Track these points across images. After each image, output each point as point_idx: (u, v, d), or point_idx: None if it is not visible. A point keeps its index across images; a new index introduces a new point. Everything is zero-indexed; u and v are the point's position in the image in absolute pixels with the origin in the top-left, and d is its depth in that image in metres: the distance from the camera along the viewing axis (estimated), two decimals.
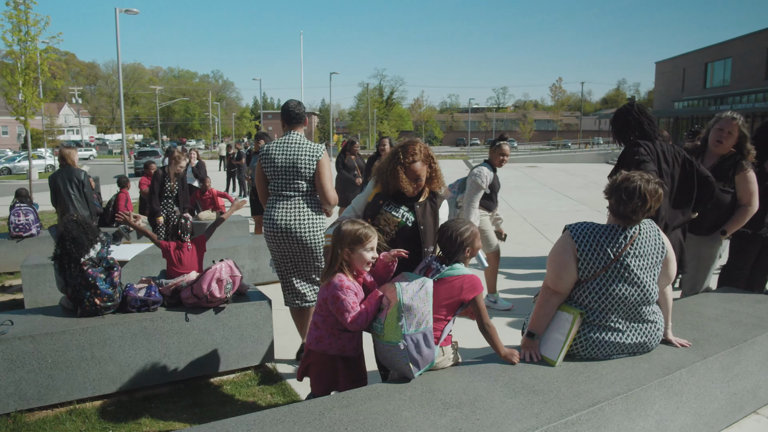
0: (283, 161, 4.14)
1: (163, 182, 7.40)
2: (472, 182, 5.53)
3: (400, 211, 3.26)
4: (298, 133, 4.25)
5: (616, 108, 4.16)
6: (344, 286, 2.67)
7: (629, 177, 2.78)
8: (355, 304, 2.67)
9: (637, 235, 2.78)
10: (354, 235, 2.73)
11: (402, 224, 3.24)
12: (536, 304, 2.93)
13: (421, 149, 3.24)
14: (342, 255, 2.73)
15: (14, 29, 14.25)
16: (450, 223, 2.85)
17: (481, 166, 5.63)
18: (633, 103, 3.85)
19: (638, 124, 3.74)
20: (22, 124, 14.65)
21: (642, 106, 3.85)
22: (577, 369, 2.73)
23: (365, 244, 2.75)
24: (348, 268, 2.76)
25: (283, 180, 4.16)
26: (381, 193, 3.34)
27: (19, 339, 3.56)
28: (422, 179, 3.25)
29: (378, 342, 2.69)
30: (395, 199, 3.31)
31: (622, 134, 3.85)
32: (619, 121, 3.85)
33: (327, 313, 2.76)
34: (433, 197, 3.35)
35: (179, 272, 4.23)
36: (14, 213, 7.65)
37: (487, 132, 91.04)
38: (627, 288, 2.76)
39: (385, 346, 2.61)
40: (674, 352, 2.95)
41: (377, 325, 2.65)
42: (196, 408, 3.75)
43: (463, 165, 33.85)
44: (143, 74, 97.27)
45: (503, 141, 5.68)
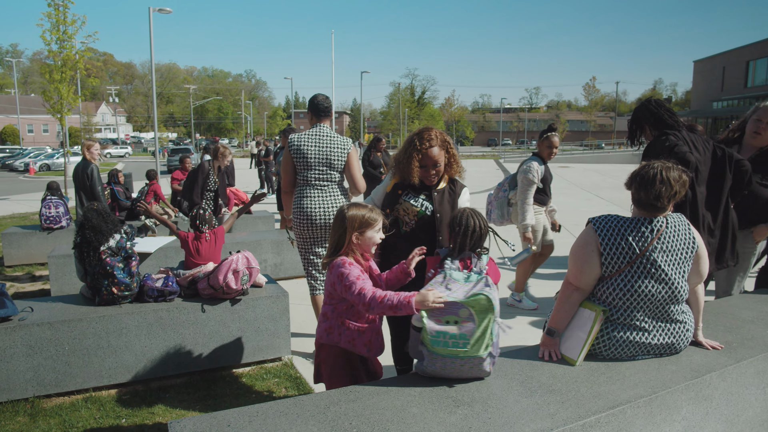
0: (316, 153, 4.23)
1: (208, 176, 7.42)
2: (523, 178, 5.34)
3: (419, 200, 3.20)
4: (326, 125, 4.35)
5: None
6: (346, 262, 2.59)
7: (649, 163, 2.64)
8: (362, 277, 2.55)
9: (665, 228, 2.62)
10: (362, 219, 2.66)
11: (421, 213, 3.17)
12: (557, 301, 2.80)
13: (437, 135, 3.17)
14: (348, 239, 2.65)
15: (53, 28, 14.64)
16: (463, 216, 2.72)
17: (530, 160, 5.42)
18: (650, 98, 3.76)
19: (657, 118, 3.60)
20: (59, 121, 15.03)
21: (660, 100, 3.72)
22: (598, 369, 2.58)
23: (373, 225, 2.69)
24: (353, 253, 2.68)
25: (316, 171, 4.24)
26: (399, 183, 3.28)
27: (38, 326, 3.60)
28: (440, 165, 3.17)
29: (453, 358, 2.33)
30: (414, 188, 3.24)
31: (639, 129, 3.72)
32: (636, 116, 3.75)
33: (336, 300, 2.66)
34: (452, 184, 3.27)
35: (197, 263, 4.22)
36: (45, 205, 7.81)
37: (519, 132, 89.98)
38: (653, 285, 2.60)
39: (463, 361, 2.33)
40: (705, 355, 2.77)
41: (455, 341, 2.30)
42: (210, 400, 3.73)
43: (493, 165, 33.51)
44: (178, 74, 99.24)
45: (552, 132, 5.46)
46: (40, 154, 36.81)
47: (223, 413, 2.18)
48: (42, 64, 16.09)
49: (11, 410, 3.57)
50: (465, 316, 2.31)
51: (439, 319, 2.32)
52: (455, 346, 2.31)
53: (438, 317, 2.32)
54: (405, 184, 3.25)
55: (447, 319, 2.31)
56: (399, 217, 3.21)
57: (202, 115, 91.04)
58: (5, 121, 60.71)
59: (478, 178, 24.09)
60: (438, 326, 2.32)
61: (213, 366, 4.08)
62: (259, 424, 2.08)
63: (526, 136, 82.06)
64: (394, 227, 3.22)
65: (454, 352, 2.32)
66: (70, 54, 14.51)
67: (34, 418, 3.51)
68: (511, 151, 53.91)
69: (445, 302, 2.31)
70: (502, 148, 58.14)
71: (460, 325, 2.31)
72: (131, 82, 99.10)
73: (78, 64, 14.84)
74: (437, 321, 2.32)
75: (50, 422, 3.46)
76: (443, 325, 2.32)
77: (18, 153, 38.51)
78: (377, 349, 2.75)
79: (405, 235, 3.20)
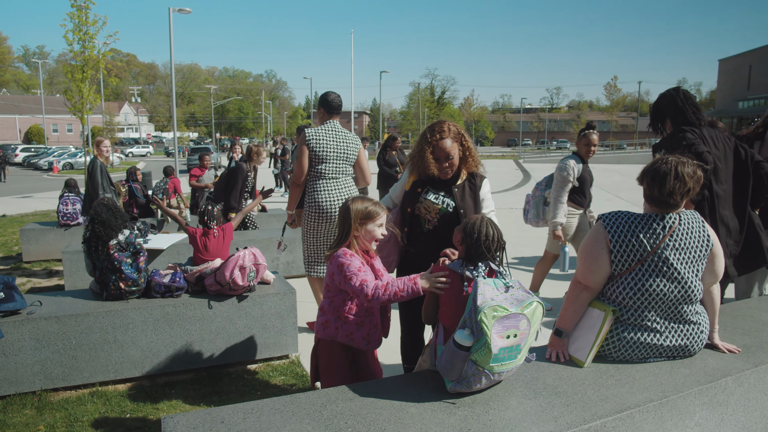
0: (335, 148, 4.45)
1: (246, 177, 7.41)
2: (557, 176, 5.23)
3: (440, 197, 3.13)
4: (337, 122, 4.54)
5: None
6: (347, 254, 2.55)
7: (663, 158, 2.53)
8: (363, 269, 2.49)
9: (677, 225, 2.51)
10: (364, 211, 2.63)
11: (443, 210, 3.10)
12: (565, 300, 2.71)
13: (449, 127, 3.11)
14: (352, 231, 2.62)
15: (75, 29, 14.85)
16: (476, 223, 2.48)
17: (567, 158, 5.30)
18: (678, 88, 3.55)
19: (680, 113, 3.44)
20: (80, 120, 15.24)
21: (688, 93, 3.54)
22: (607, 371, 2.49)
23: (375, 219, 2.64)
24: (356, 246, 2.64)
25: (333, 164, 4.45)
26: (418, 181, 3.21)
27: (45, 319, 3.61)
28: (453, 157, 3.09)
29: (500, 372, 2.19)
30: (433, 185, 3.17)
31: (661, 121, 3.55)
32: (660, 106, 3.56)
33: (334, 293, 2.63)
34: (472, 178, 3.19)
35: (205, 259, 4.21)
36: (63, 202, 7.91)
37: (539, 132, 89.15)
38: (665, 284, 2.50)
39: (507, 372, 2.22)
40: (720, 358, 2.66)
41: (510, 354, 2.16)
42: (215, 396, 3.70)
43: (513, 165, 33.25)
44: (199, 74, 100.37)
45: (590, 129, 5.29)
46: (63, 153, 37.47)
47: (217, 409, 2.14)
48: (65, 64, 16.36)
49: (19, 403, 3.59)
50: (524, 328, 2.17)
51: (502, 335, 2.13)
52: (510, 359, 2.18)
53: (501, 333, 2.13)
54: (423, 181, 3.19)
55: (509, 333, 2.14)
56: (421, 216, 3.15)
57: (223, 115, 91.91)
58: (31, 121, 61.97)
59: (497, 177, 23.90)
60: (502, 342, 2.13)
61: (219, 363, 4.06)
62: (253, 421, 2.04)
63: (547, 136, 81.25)
64: (416, 226, 3.16)
65: (507, 366, 2.19)
66: (92, 54, 14.71)
67: (41, 411, 3.52)
68: (530, 152, 53.36)
69: (506, 316, 2.13)
70: (521, 148, 57.57)
71: (519, 337, 2.17)
72: (153, 82, 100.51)
73: (99, 64, 15.04)
74: (501, 337, 2.13)
75: (56, 416, 3.46)
76: (505, 339, 2.14)
77: (42, 152, 39.25)
78: (375, 342, 2.70)
79: (428, 233, 3.14)
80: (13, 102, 66.27)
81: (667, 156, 2.56)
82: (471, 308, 2.18)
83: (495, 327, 2.10)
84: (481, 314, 2.10)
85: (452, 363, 2.20)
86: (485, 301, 2.14)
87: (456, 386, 2.24)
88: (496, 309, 2.12)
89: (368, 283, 2.41)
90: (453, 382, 2.25)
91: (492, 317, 2.10)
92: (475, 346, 2.14)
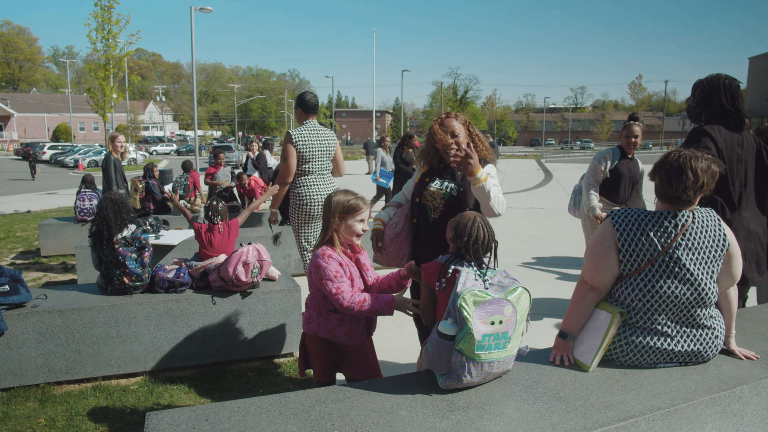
0: (319, 145, 4.60)
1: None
2: (590, 164, 5.08)
3: (444, 183, 3.15)
4: (315, 120, 4.75)
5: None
6: (326, 254, 2.52)
7: (675, 151, 2.40)
8: (340, 274, 2.48)
9: (690, 223, 2.38)
10: (345, 204, 2.59)
11: (447, 195, 3.12)
12: (571, 301, 2.59)
13: (457, 114, 3.17)
14: (332, 225, 2.59)
15: (99, 28, 15.07)
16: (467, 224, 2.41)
17: (607, 149, 5.12)
18: (729, 84, 3.21)
19: (721, 113, 3.19)
20: (102, 118, 15.47)
21: (737, 93, 3.20)
22: (613, 376, 2.37)
23: (356, 214, 2.59)
24: (338, 241, 2.60)
25: (319, 161, 4.60)
26: (426, 172, 3.26)
27: (49, 313, 3.60)
28: (459, 135, 3.10)
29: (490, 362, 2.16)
30: (439, 174, 3.21)
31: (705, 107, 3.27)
32: (705, 94, 3.25)
33: (314, 289, 2.63)
34: None
35: (210, 255, 4.17)
36: (80, 198, 7.98)
37: (563, 132, 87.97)
38: (677, 285, 2.37)
39: (499, 363, 2.19)
40: (736, 365, 2.52)
41: (497, 342, 2.14)
42: (216, 393, 3.66)
43: (534, 165, 32.84)
44: (223, 73, 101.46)
45: (633, 121, 5.06)
46: (89, 150, 38.13)
47: (203, 407, 2.08)
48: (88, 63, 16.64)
49: (23, 395, 3.59)
50: (509, 314, 2.14)
51: (485, 320, 2.10)
52: (497, 348, 2.15)
53: (484, 319, 2.10)
54: (432, 171, 3.23)
55: (492, 319, 2.11)
56: (426, 204, 3.17)
57: (246, 114, 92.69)
58: (59, 119, 63.31)
59: (518, 177, 23.63)
60: (486, 328, 2.10)
61: (222, 359, 4.01)
62: (238, 419, 1.97)
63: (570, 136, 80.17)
64: (422, 216, 3.19)
65: (496, 355, 2.15)
66: (114, 52, 14.91)
67: (44, 404, 3.52)
68: (553, 151, 52.65)
69: (488, 301, 2.11)
70: (544, 148, 56.83)
71: (504, 324, 2.14)
72: (178, 81, 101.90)
73: (121, 63, 15.23)
74: (483, 323, 2.10)
75: (57, 409, 3.46)
76: (489, 326, 2.11)
77: (69, 150, 40.00)
78: (358, 337, 2.68)
79: (434, 222, 3.15)
80: (43, 101, 67.80)
81: (680, 150, 2.43)
82: (453, 297, 2.17)
83: (477, 313, 2.10)
84: (460, 300, 2.10)
85: (439, 355, 2.19)
86: (465, 288, 2.14)
87: (447, 380, 2.21)
88: (476, 294, 2.11)
89: (344, 294, 2.45)
90: (443, 376, 2.22)
91: (473, 302, 2.10)
92: (459, 335, 2.13)
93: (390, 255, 3.28)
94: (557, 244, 8.57)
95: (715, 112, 3.22)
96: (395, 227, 3.25)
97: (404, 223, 3.26)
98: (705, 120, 3.29)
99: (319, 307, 2.64)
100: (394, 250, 3.26)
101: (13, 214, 13.45)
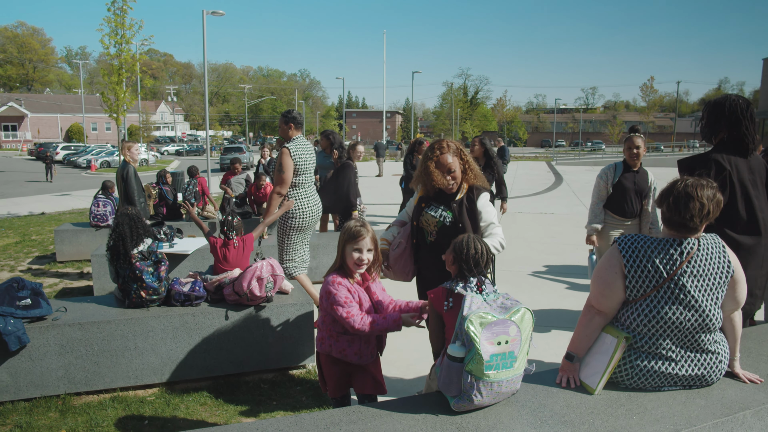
0: (309, 159, 5.05)
1: (356, 174, 7.75)
2: (594, 182, 5.14)
3: (438, 211, 3.34)
4: (302, 135, 5.11)
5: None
6: (335, 281, 2.70)
7: (681, 179, 2.45)
8: (349, 299, 2.65)
9: (696, 250, 2.44)
10: (349, 231, 2.75)
11: (440, 223, 3.31)
12: (578, 324, 2.65)
13: (449, 144, 3.33)
14: (340, 252, 2.77)
15: (112, 33, 15.25)
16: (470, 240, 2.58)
17: (611, 164, 5.15)
18: (744, 108, 3.18)
19: (733, 138, 3.19)
20: (115, 121, 15.65)
21: (752, 116, 3.20)
22: (618, 400, 2.43)
23: (355, 242, 2.73)
24: (347, 268, 2.77)
25: (310, 173, 5.08)
26: (423, 196, 3.45)
27: (69, 326, 3.72)
28: (455, 171, 3.28)
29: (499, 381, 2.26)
30: (435, 200, 3.39)
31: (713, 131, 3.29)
32: (715, 117, 3.26)
33: (325, 313, 2.79)
34: (471, 192, 3.36)
35: (224, 269, 4.27)
36: (95, 203, 8.16)
37: (574, 133, 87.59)
38: (682, 312, 2.43)
39: (507, 382, 2.29)
40: (740, 389, 2.57)
41: (504, 362, 2.24)
42: (231, 405, 3.76)
43: (545, 167, 32.72)
44: (234, 73, 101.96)
45: (634, 133, 5.06)
46: (101, 151, 38.55)
47: (222, 428, 2.17)
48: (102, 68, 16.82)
49: (44, 405, 3.71)
50: (514, 334, 2.26)
51: (491, 341, 2.21)
52: (505, 367, 2.26)
53: (491, 339, 2.21)
54: (428, 197, 3.42)
55: (499, 339, 2.23)
56: (424, 228, 3.39)
57: (257, 114, 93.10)
58: (72, 119, 63.98)
59: (528, 180, 23.57)
60: (493, 348, 2.21)
61: (236, 371, 4.11)
62: None
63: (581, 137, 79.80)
64: (421, 238, 3.41)
65: (504, 375, 2.26)
66: (127, 57, 15.07)
67: (64, 415, 3.63)
68: (564, 153, 52.36)
69: (494, 322, 2.23)
70: (555, 149, 56.56)
71: (510, 344, 2.26)
72: (189, 81, 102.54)
73: (134, 67, 15.41)
74: (490, 343, 2.21)
75: (78, 420, 3.57)
76: (496, 346, 2.22)
77: (82, 150, 40.44)
78: (368, 356, 2.85)
79: (430, 245, 3.38)
80: (56, 101, 68.55)
81: (686, 178, 2.49)
82: (460, 320, 2.28)
83: (484, 334, 2.21)
84: (467, 322, 2.21)
85: (449, 377, 2.29)
86: (471, 311, 2.25)
87: (458, 402, 2.30)
88: (482, 316, 2.23)
89: (354, 317, 2.61)
90: (455, 398, 2.31)
91: (479, 324, 2.21)
92: (467, 356, 2.24)
93: (396, 272, 3.49)
94: (567, 252, 8.61)
95: (723, 135, 3.26)
96: (398, 247, 3.45)
97: (406, 244, 3.45)
98: (715, 142, 3.32)
99: (329, 329, 2.81)
100: (399, 267, 3.47)
101: (28, 216, 13.68)
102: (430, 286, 3.46)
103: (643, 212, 5.01)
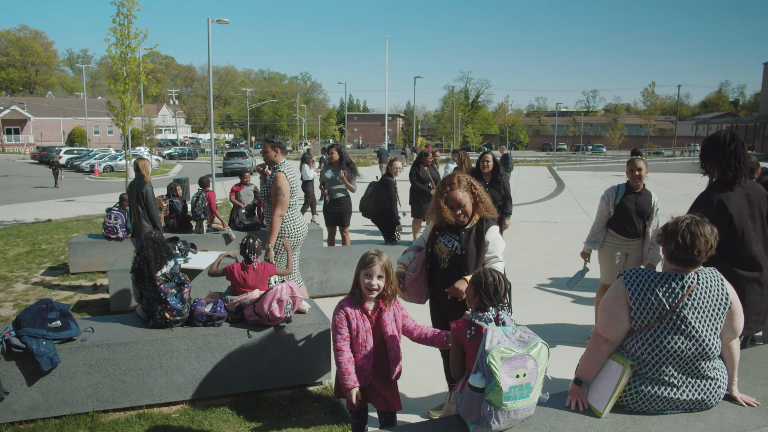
0: (297, 181, 5.50)
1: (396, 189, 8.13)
2: (599, 203, 5.34)
3: (451, 240, 3.54)
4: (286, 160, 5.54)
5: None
6: (343, 307, 3.00)
7: (683, 220, 2.64)
8: (344, 337, 2.95)
9: (696, 284, 2.62)
10: (364, 258, 2.98)
11: (452, 253, 3.51)
12: (586, 351, 2.84)
13: (460, 179, 3.52)
14: (356, 275, 3.02)
15: (118, 42, 15.44)
16: (481, 272, 2.82)
17: (615, 185, 5.33)
18: (732, 142, 3.42)
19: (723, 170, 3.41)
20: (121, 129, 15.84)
21: (741, 149, 3.41)
22: (624, 423, 2.61)
23: (367, 268, 2.96)
24: (359, 296, 3.00)
25: (297, 195, 5.49)
26: (437, 225, 3.67)
27: (98, 347, 3.89)
28: (465, 205, 3.48)
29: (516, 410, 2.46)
30: (449, 229, 3.60)
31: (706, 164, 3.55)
32: (708, 154, 3.52)
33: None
34: (481, 224, 3.54)
35: (243, 290, 4.43)
36: (108, 215, 8.33)
37: (575, 137, 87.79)
38: (683, 341, 2.61)
39: (523, 410, 2.49)
40: (738, 412, 2.74)
41: (521, 392, 2.44)
42: (253, 421, 3.93)
43: (547, 173, 32.85)
44: (236, 76, 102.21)
45: (636, 155, 5.21)
46: (104, 155, 38.69)
47: None
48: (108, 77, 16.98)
49: (74, 423, 3.88)
50: (531, 367, 2.45)
51: (511, 374, 2.41)
52: (521, 397, 2.45)
53: (510, 373, 2.41)
54: (441, 226, 3.62)
55: (517, 373, 2.43)
56: (438, 255, 3.60)
57: (258, 117, 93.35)
58: (74, 123, 64.20)
59: (529, 186, 23.70)
60: (512, 381, 2.41)
61: (257, 388, 4.28)
62: None
63: (582, 140, 79.96)
64: (435, 264, 3.63)
65: (521, 404, 2.45)
66: (133, 66, 15.26)
67: (93, 431, 3.80)
68: (566, 159, 52.39)
69: (514, 356, 2.41)
70: (556, 153, 56.70)
71: (528, 376, 2.45)
72: (191, 84, 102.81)
73: (140, 76, 15.60)
74: (510, 376, 2.41)
75: None
76: (515, 378, 2.42)
77: (84, 154, 40.59)
78: (364, 379, 3.05)
79: (443, 271, 3.58)
80: (58, 105, 68.81)
81: (685, 217, 2.67)
82: (481, 353, 2.46)
83: (504, 367, 2.39)
84: (489, 357, 2.39)
85: (470, 405, 2.48)
86: (492, 346, 2.43)
87: (477, 428, 2.49)
88: (503, 351, 2.41)
89: (343, 353, 2.95)
90: (474, 424, 2.51)
91: (500, 359, 2.39)
92: (487, 387, 2.42)
93: (411, 294, 3.73)
94: (570, 264, 8.76)
95: (719, 170, 3.45)
96: (414, 271, 3.68)
97: (421, 269, 3.68)
98: (713, 175, 3.52)
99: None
100: (414, 290, 3.71)
101: (34, 223, 13.85)
102: (442, 309, 3.68)
103: (646, 233, 5.16)
